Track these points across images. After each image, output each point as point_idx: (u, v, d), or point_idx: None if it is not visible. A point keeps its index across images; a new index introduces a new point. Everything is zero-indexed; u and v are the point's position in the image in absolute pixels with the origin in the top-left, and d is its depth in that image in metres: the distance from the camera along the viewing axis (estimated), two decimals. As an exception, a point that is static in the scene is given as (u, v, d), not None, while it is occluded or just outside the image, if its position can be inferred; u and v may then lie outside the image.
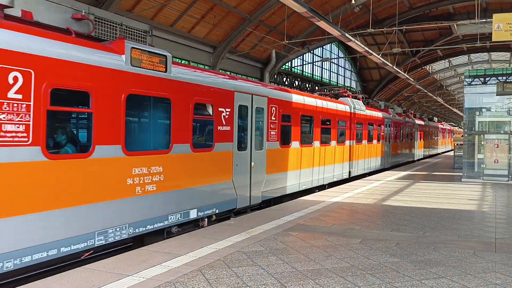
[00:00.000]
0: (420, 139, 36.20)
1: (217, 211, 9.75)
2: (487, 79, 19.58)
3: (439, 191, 14.88)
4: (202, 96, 9.25)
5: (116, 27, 7.84)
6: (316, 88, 39.63)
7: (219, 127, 9.93)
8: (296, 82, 39.51)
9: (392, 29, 27.40)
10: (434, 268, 6.22)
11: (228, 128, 10.23)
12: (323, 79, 45.07)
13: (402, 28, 28.01)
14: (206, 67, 26.82)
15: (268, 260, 6.41)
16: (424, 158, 37.64)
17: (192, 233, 8.05)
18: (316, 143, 15.29)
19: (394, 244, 7.52)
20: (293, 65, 38.59)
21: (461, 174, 19.57)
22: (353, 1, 23.94)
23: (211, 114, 9.57)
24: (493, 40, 15.78)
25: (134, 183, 7.46)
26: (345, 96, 19.66)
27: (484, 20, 26.77)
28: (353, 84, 53.04)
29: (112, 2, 19.54)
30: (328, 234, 8.17)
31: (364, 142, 20.84)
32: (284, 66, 36.22)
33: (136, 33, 8.27)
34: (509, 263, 6.51)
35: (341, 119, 17.81)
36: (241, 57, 30.44)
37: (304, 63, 40.83)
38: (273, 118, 12.19)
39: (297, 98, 13.91)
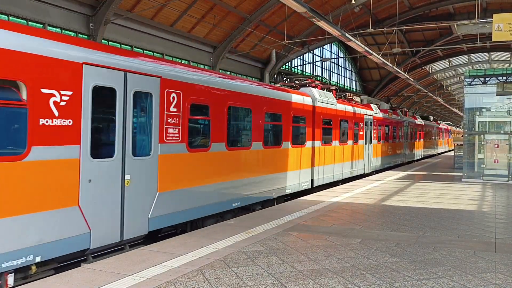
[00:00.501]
0: (412, 140, 33.08)
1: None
2: (487, 79, 19.58)
3: (439, 191, 14.88)
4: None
5: None
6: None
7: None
8: (296, 82, 39.47)
9: (392, 29, 27.40)
10: (434, 268, 6.22)
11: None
12: (323, 79, 45.07)
13: (402, 28, 28.01)
14: (206, 67, 26.85)
15: (268, 260, 6.41)
16: (417, 160, 34.49)
17: (192, 233, 8.06)
18: (256, 145, 11.75)
19: (394, 244, 7.52)
20: (293, 65, 38.59)
21: (461, 174, 19.57)
22: (353, 1, 23.95)
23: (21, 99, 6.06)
24: (493, 40, 15.79)
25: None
26: (311, 87, 16.38)
27: (484, 20, 26.78)
28: (353, 84, 53.04)
29: (112, 2, 19.54)
30: (328, 234, 8.18)
31: (335, 143, 17.42)
32: (284, 66, 36.22)
33: None
34: (509, 263, 6.52)
35: (298, 114, 14.35)
36: (241, 57, 30.44)
37: (304, 63, 40.83)
38: (173, 109, 8.75)
39: (218, 83, 10.18)
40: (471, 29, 32.98)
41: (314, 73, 43.14)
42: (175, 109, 8.66)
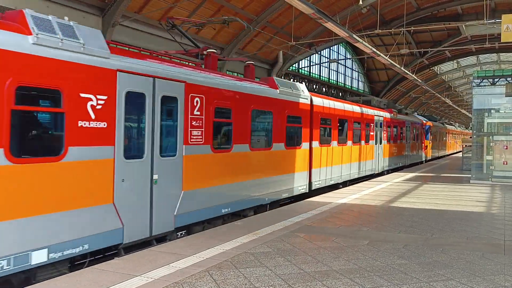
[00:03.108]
0: (367, 142, 20.59)
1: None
2: (496, 80, 19.44)
3: (447, 193, 14.79)
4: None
5: None
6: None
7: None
8: (304, 84, 39.46)
9: (400, 30, 27.30)
10: (442, 270, 6.19)
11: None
12: (330, 80, 45.01)
13: (410, 29, 27.87)
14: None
15: (275, 261, 6.42)
16: (380, 174, 23.00)
17: (199, 234, 8.08)
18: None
19: (402, 246, 7.49)
20: (300, 66, 38.56)
21: (470, 175, 19.44)
22: (360, 2, 23.88)
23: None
24: (502, 41, 15.72)
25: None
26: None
27: (493, 20, 26.58)
28: (361, 85, 52.90)
29: (121, 4, 19.65)
30: (336, 236, 8.16)
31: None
32: (291, 67, 36.20)
33: None
34: (518, 266, 6.47)
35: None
36: (248, 58, 30.47)
37: (312, 64, 40.78)
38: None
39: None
40: (480, 30, 32.78)
41: (321, 75, 43.10)
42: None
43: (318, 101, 15.04)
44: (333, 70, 46.01)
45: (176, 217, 8.40)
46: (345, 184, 17.86)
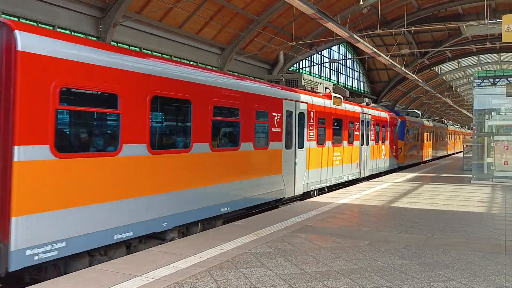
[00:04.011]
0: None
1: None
2: (496, 80, 19.43)
3: (448, 193, 14.79)
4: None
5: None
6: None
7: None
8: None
9: (401, 30, 27.29)
10: (443, 270, 6.19)
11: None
12: (331, 80, 45.00)
13: (411, 29, 27.87)
14: (214, 69, 26.90)
15: (276, 262, 6.42)
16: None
17: (200, 234, 8.08)
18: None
19: (403, 246, 7.49)
20: (301, 67, 38.56)
21: (470, 176, 19.44)
22: (361, 2, 23.88)
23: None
24: (502, 41, 15.70)
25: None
26: None
27: (494, 21, 26.56)
28: (361, 85, 52.88)
29: (121, 4, 19.67)
30: (336, 236, 8.16)
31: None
32: (292, 68, 36.20)
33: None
34: (519, 266, 6.46)
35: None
36: (249, 59, 30.47)
37: (312, 64, 40.78)
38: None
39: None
40: (480, 30, 32.77)
41: (322, 75, 43.10)
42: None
43: None
44: (334, 71, 46.01)
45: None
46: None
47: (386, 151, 23.26)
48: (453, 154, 51.55)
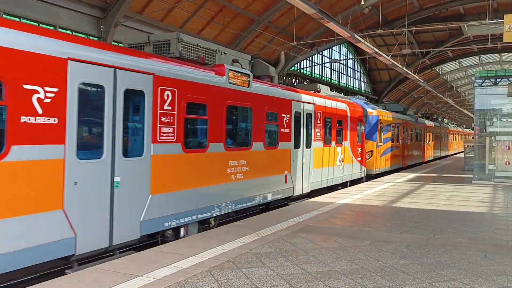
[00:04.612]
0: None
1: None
2: (498, 80, 19.40)
3: (449, 193, 14.77)
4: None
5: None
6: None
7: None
8: (305, 84, 39.47)
9: (402, 30, 27.25)
10: (444, 270, 6.18)
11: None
12: (332, 80, 44.98)
13: (412, 29, 27.83)
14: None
15: (277, 262, 6.41)
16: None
17: (201, 234, 8.08)
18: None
19: (404, 246, 7.48)
20: (302, 67, 38.56)
21: (472, 176, 19.41)
22: (362, 2, 23.86)
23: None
24: (504, 41, 15.70)
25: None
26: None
27: (495, 20, 26.56)
28: (362, 85, 52.86)
29: (122, 5, 19.68)
30: (338, 236, 8.15)
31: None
32: (293, 68, 36.20)
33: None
34: (521, 266, 6.45)
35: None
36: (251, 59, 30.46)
37: (313, 64, 40.77)
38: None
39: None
40: (482, 30, 32.76)
41: (323, 75, 43.09)
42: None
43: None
44: (335, 71, 45.99)
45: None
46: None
47: (345, 155, 16.85)
48: (448, 156, 45.52)
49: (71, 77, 6.40)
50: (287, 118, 12.55)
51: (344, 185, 17.11)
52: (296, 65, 36.86)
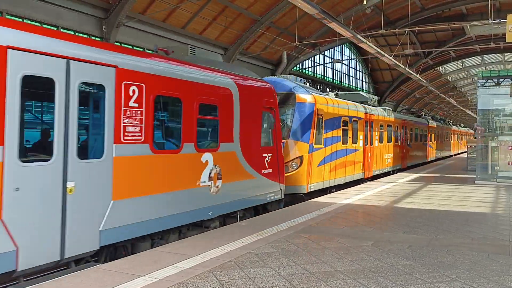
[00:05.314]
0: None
1: None
2: (500, 80, 19.35)
3: (451, 193, 14.74)
4: None
5: None
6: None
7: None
8: (307, 84, 39.42)
9: (404, 30, 27.23)
10: (447, 271, 6.17)
11: None
12: (334, 80, 44.96)
13: (414, 29, 27.81)
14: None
15: (279, 262, 6.41)
16: None
17: (204, 234, 8.08)
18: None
19: (407, 247, 7.47)
20: (304, 67, 38.54)
21: (474, 176, 19.36)
22: (364, 2, 23.85)
23: None
24: (507, 41, 15.62)
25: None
26: None
27: (498, 20, 26.48)
28: (365, 86, 52.81)
29: (125, 5, 19.72)
30: (340, 236, 8.15)
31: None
32: (295, 68, 36.19)
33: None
34: (524, 267, 6.43)
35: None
36: (252, 59, 30.48)
37: (315, 64, 40.75)
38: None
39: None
40: (484, 30, 32.60)
41: (325, 75, 43.07)
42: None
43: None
44: (337, 71, 45.96)
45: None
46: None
47: (226, 167, 9.59)
48: (434, 160, 34.78)
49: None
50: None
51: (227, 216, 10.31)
52: (298, 65, 36.86)
